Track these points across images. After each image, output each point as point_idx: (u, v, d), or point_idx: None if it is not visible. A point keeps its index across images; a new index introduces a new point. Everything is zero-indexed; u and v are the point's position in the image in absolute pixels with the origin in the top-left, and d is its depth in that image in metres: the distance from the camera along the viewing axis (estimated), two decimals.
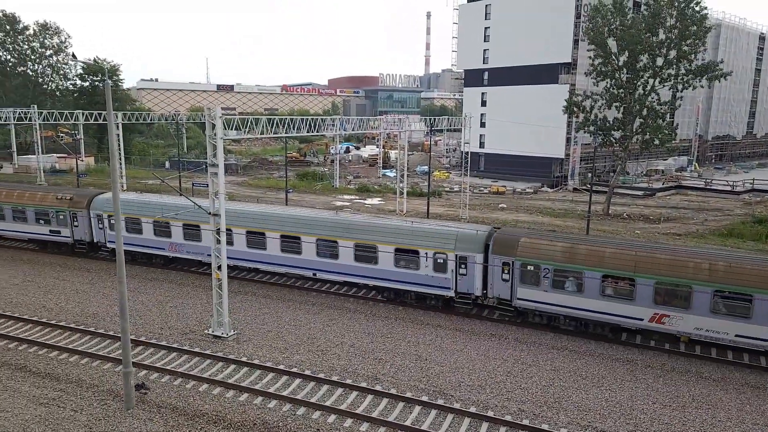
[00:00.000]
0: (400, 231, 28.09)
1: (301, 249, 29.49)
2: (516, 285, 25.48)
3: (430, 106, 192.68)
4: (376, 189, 66.28)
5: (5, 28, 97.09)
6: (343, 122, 45.90)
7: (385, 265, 27.94)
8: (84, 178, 61.60)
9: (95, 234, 35.50)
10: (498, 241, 26.21)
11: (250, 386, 19.66)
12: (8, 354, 22.02)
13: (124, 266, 18.02)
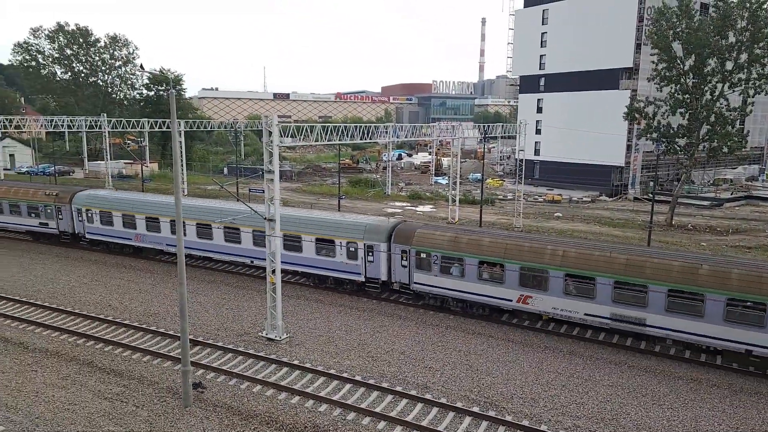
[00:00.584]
0: (320, 223, 30.75)
1: (241, 239, 32.66)
2: (412, 270, 28.33)
3: (484, 113, 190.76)
4: (427, 196, 66.12)
5: (79, 41, 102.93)
6: (396, 129, 46.12)
7: (308, 253, 30.74)
8: (148, 183, 64.38)
9: (76, 226, 39.27)
10: (398, 231, 29.01)
11: (301, 389, 19.93)
12: (77, 350, 23.18)
13: (184, 269, 18.67)
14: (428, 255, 27.70)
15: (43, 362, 21.97)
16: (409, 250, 28.23)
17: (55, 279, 32.56)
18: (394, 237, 28.91)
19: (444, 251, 27.35)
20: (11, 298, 28.91)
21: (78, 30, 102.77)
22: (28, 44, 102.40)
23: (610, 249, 25.25)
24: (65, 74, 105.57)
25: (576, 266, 24.51)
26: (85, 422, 17.73)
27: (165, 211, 35.47)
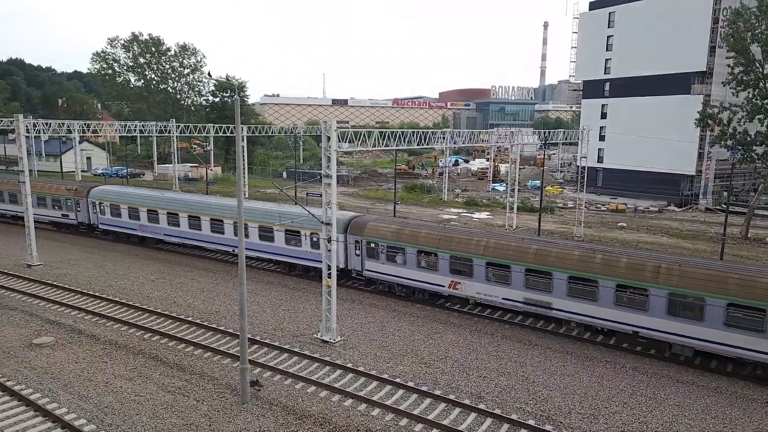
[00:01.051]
0: (289, 216, 33.27)
1: (224, 230, 36.37)
2: (364, 259, 31.21)
3: (544, 118, 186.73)
4: (484, 203, 65.35)
5: (151, 50, 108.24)
6: (453, 135, 45.80)
7: (279, 243, 34.22)
8: (212, 186, 66.75)
9: (91, 217, 43.55)
10: (354, 224, 31.88)
11: (355, 392, 20.07)
12: (143, 343, 24.26)
13: (244, 269, 19.24)
14: (377, 245, 30.63)
15: (113, 354, 23.12)
16: (362, 241, 31.16)
17: (125, 275, 34.24)
18: (350, 229, 31.73)
19: (389, 242, 30.16)
20: (85, 292, 30.61)
21: (151, 39, 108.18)
22: (105, 53, 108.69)
23: (522, 240, 28.00)
24: (138, 81, 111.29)
25: (495, 255, 27.09)
26: (149, 413, 18.52)
27: (162, 204, 39.90)
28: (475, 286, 27.77)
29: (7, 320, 26.43)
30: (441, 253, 28.48)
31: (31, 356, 22.59)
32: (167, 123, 69.02)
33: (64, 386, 20.19)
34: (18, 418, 18.00)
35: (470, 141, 45.48)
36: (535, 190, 73.78)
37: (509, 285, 26.73)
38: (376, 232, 30.85)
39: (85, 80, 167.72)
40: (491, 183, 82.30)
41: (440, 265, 28.53)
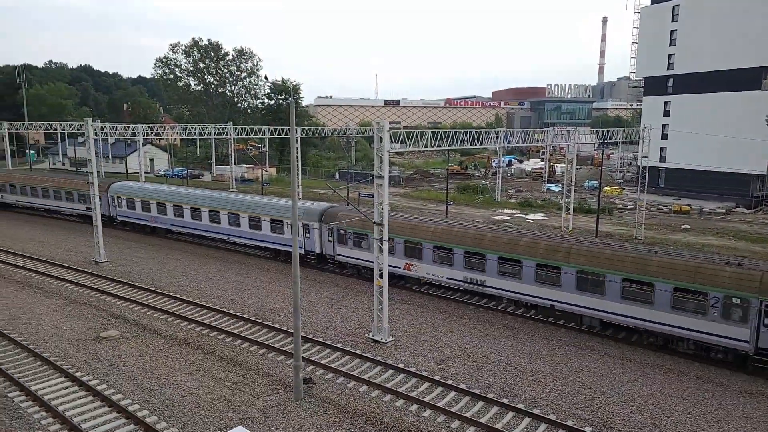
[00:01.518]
0: (274, 207, 38.19)
1: (220, 220, 40.68)
2: (336, 245, 34.87)
3: (602, 117, 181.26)
4: (539, 204, 64.00)
5: (210, 55, 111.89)
6: (506, 135, 45.09)
7: (266, 231, 38.05)
8: (267, 186, 68.30)
9: (110, 210, 47.98)
10: (327, 213, 35.60)
11: (406, 393, 20.07)
12: (202, 339, 25.10)
13: (298, 269, 19.59)
14: (345, 232, 34.01)
15: (173, 349, 24.03)
16: (334, 228, 34.73)
17: (185, 273, 35.51)
18: (323, 218, 35.46)
19: (355, 229, 33.32)
20: (148, 288, 31.95)
21: (210, 45, 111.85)
22: (167, 59, 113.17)
23: (463, 226, 32.10)
24: (198, 86, 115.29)
25: (441, 240, 30.43)
26: (208, 407, 19.14)
27: (169, 198, 44.46)
28: (424, 267, 31.18)
29: (76, 314, 27.92)
30: (397, 238, 31.45)
31: (98, 349, 23.77)
32: (225, 125, 71.10)
33: (128, 378, 21.14)
34: (85, 408, 18.97)
35: (524, 141, 44.65)
36: (592, 191, 71.70)
37: (452, 266, 30.04)
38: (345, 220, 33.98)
39: (149, 85, 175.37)
40: (546, 183, 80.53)
41: (396, 249, 31.74)
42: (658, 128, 68.86)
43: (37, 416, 18.27)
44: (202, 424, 17.99)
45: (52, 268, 36.08)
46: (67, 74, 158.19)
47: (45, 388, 20.09)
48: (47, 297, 30.51)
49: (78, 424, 17.72)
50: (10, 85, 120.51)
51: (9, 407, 18.78)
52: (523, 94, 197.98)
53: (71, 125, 75.80)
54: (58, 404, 18.92)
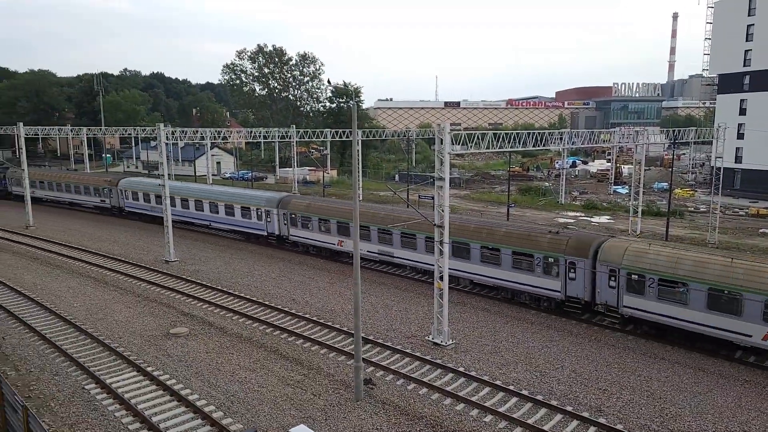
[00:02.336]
0: (244, 196, 44.85)
1: (203, 209, 47.17)
2: (289, 227, 41.38)
3: (672, 116, 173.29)
4: (604, 206, 61.86)
5: (275, 61, 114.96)
6: (571, 136, 43.84)
7: (237, 217, 44.51)
8: (328, 188, 69.34)
9: (120, 202, 55.24)
10: (282, 200, 42.29)
11: (466, 397, 19.85)
12: (265, 337, 25.76)
13: (359, 270, 19.77)
14: (296, 216, 40.55)
15: (238, 346, 24.78)
16: (287, 213, 41.07)
17: (250, 273, 36.58)
18: (280, 204, 41.90)
19: (302, 213, 40.21)
20: (214, 287, 33.11)
21: (274, 50, 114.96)
22: (234, 65, 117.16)
23: (377, 209, 38.50)
24: (263, 90, 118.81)
25: (362, 220, 35.11)
26: (271, 404, 19.62)
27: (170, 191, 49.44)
28: (350, 243, 36.02)
29: (148, 311, 29.29)
30: (332, 219, 38.18)
31: (168, 345, 24.83)
32: (288, 129, 72.82)
33: (195, 374, 21.97)
34: (156, 402, 19.86)
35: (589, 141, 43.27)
36: (661, 193, 68.64)
37: (370, 241, 36.23)
38: (296, 206, 40.94)
39: (216, 91, 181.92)
40: (612, 185, 77.72)
41: (332, 228, 38.19)
42: (734, 127, 65.04)
43: (111, 408, 19.27)
44: (265, 421, 18.45)
45: (125, 267, 38.03)
46: (141, 81, 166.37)
47: (119, 381, 21.17)
48: (121, 294, 32.18)
49: (149, 417, 18.56)
50: (88, 92, 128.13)
51: (86, 399, 19.90)
52: (588, 93, 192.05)
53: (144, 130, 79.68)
54: (131, 397, 19.88)
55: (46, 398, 19.88)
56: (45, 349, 24.22)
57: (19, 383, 20.76)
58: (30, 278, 35.02)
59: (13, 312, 28.45)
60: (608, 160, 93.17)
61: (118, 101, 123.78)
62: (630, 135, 55.66)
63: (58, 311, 28.67)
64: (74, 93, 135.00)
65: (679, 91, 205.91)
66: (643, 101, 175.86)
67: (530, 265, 28.60)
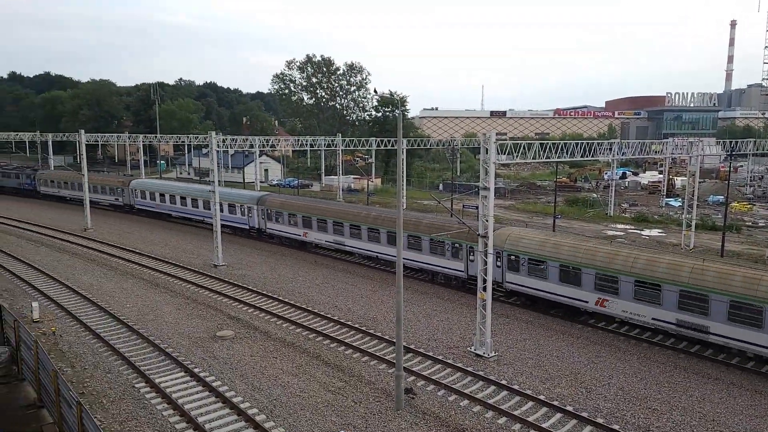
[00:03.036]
0: (230, 195, 51.09)
1: (197, 206, 53.74)
2: (266, 222, 47.64)
3: (730, 127, 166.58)
4: (655, 219, 59.91)
5: (323, 70, 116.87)
6: (621, 146, 42.79)
7: (226, 212, 49.02)
8: (372, 197, 69.73)
9: (131, 200, 62.28)
10: (261, 198, 48.70)
11: (509, 410, 19.54)
12: (308, 343, 26.07)
13: (402, 278, 19.80)
14: (272, 211, 46.84)
15: (282, 351, 25.17)
16: (266, 209, 47.48)
17: (294, 279, 37.13)
18: (259, 201, 48.19)
19: (277, 209, 46.56)
20: (260, 292, 33.77)
21: (323, 60, 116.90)
22: (283, 75, 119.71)
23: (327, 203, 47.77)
24: (310, 99, 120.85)
25: (319, 215, 43.04)
26: (312, 409, 19.82)
27: (168, 190, 58.79)
28: (313, 234, 43.41)
29: (196, 313, 30.12)
30: (298, 214, 44.40)
31: (214, 347, 25.45)
32: (334, 137, 73.77)
33: (240, 376, 22.43)
34: (202, 402, 20.37)
35: (640, 152, 42.18)
36: (717, 207, 65.95)
37: (327, 232, 42.11)
38: (273, 203, 47.36)
39: (265, 100, 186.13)
40: (664, 198, 75.20)
41: (299, 222, 44.38)
42: None
43: (160, 407, 19.87)
44: (307, 426, 18.65)
45: (176, 270, 39.24)
46: (195, 91, 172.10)
47: (167, 381, 21.82)
48: (171, 296, 33.21)
49: (195, 417, 19.05)
50: (145, 101, 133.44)
51: (135, 397, 20.60)
52: (640, 103, 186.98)
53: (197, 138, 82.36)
54: (178, 397, 20.45)
55: (98, 395, 20.69)
56: (99, 347, 25.24)
57: (74, 380, 21.68)
58: (87, 279, 36.59)
59: (70, 311, 29.79)
60: (660, 172, 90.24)
61: (173, 110, 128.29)
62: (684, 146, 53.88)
63: (112, 311, 29.84)
64: (132, 102, 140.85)
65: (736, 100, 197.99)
66: (698, 111, 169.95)
67: (443, 250, 34.53)
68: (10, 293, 33.27)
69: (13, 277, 36.64)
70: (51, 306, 30.91)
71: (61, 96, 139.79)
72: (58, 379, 17.15)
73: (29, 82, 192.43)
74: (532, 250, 29.79)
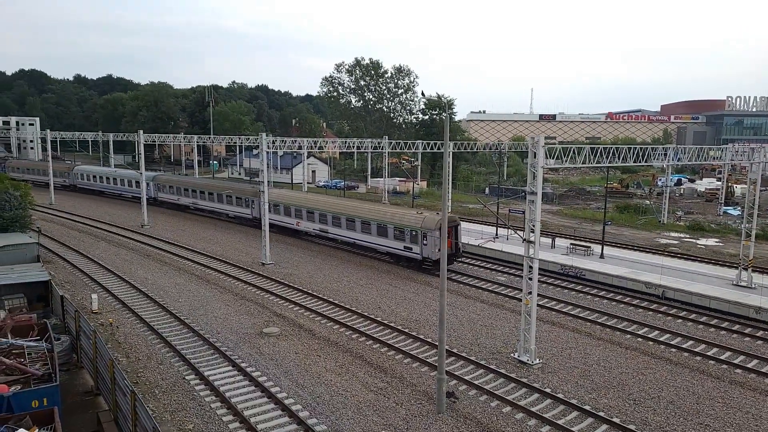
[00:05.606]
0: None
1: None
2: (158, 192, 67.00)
3: None
4: (712, 228, 57.54)
5: (371, 73, 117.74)
6: (677, 151, 41.28)
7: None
8: (417, 200, 69.72)
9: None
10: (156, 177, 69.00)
11: (553, 419, 19.23)
12: (351, 342, 26.38)
13: (445, 281, 19.81)
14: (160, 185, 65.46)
15: (325, 349, 25.55)
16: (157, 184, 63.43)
17: (339, 279, 37.60)
18: (155, 179, 65.17)
19: (160, 183, 65.84)
20: (305, 291, 34.36)
21: (371, 63, 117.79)
22: (332, 78, 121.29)
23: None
24: (358, 102, 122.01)
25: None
26: (354, 408, 20.07)
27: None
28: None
29: (244, 310, 30.93)
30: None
31: (261, 343, 26.08)
32: (381, 140, 74.23)
33: (285, 373, 22.91)
34: (248, 396, 20.93)
35: (697, 158, 40.59)
36: None
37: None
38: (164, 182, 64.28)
39: (314, 102, 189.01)
40: (722, 206, 72.09)
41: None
42: None
43: (208, 399, 20.54)
44: (348, 425, 18.90)
45: (225, 267, 40.38)
46: (247, 93, 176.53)
47: (215, 374, 22.51)
48: (221, 292, 34.21)
49: (241, 410, 19.60)
50: (200, 103, 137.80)
51: (185, 389, 21.35)
52: (698, 107, 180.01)
53: (248, 139, 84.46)
54: (225, 390, 21.08)
55: (151, 385, 21.56)
56: (152, 339, 26.29)
57: (129, 369, 22.66)
58: (142, 273, 38.13)
59: (126, 303, 31.14)
60: (718, 179, 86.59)
61: (226, 112, 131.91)
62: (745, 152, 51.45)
63: (165, 305, 31.01)
64: (188, 104, 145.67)
65: None
66: (761, 116, 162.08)
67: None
68: (72, 285, 35.06)
69: (75, 270, 38.59)
70: (109, 298, 32.40)
71: (122, 98, 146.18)
72: (114, 368, 17.99)
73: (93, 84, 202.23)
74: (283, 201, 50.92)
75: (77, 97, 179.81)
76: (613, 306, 32.45)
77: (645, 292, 34.15)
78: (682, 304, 32.24)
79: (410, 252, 39.24)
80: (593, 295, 34.43)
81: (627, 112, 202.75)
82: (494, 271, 40.22)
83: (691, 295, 32.41)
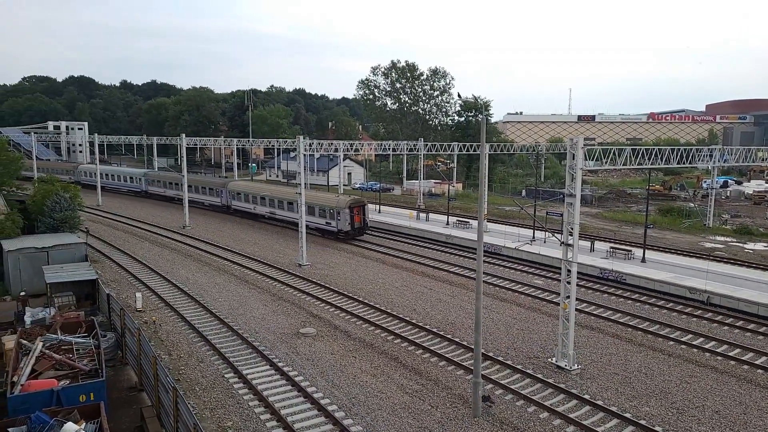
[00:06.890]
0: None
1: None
2: (149, 186, 79.59)
3: None
4: (761, 232, 55.42)
5: (407, 76, 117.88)
6: (723, 153, 39.99)
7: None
8: (453, 202, 69.39)
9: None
10: (147, 174, 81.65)
11: (592, 427, 18.86)
12: (386, 344, 26.46)
13: (481, 283, 19.68)
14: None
15: (361, 351, 25.71)
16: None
17: (374, 281, 37.77)
18: (146, 175, 78.76)
19: (154, 178, 76.65)
20: (341, 292, 34.64)
21: (407, 66, 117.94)
22: (368, 81, 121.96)
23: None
24: (394, 105, 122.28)
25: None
26: (389, 410, 20.12)
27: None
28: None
29: (281, 310, 31.39)
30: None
31: (297, 343, 26.42)
32: (416, 142, 74.20)
33: (321, 373, 23.15)
34: (285, 396, 21.24)
35: (745, 160, 39.27)
36: None
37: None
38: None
39: (350, 105, 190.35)
40: None
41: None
42: None
43: (246, 398, 20.93)
44: (383, 426, 18.96)
45: (263, 267, 41.05)
46: (284, 97, 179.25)
47: (253, 373, 22.92)
48: (259, 293, 34.80)
49: (278, 409, 19.90)
50: (240, 107, 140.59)
51: (224, 387, 21.81)
52: (746, 106, 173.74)
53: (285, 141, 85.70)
54: (263, 389, 21.44)
55: (192, 382, 22.11)
56: (193, 337, 26.95)
57: (171, 366, 23.29)
58: (184, 273, 39.12)
59: (169, 302, 32.02)
60: (767, 181, 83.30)
61: (265, 115, 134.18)
62: None
63: (206, 304, 31.75)
64: (228, 108, 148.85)
65: None
66: None
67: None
68: (117, 283, 36.26)
69: (120, 269, 39.89)
70: (152, 297, 33.38)
71: (165, 102, 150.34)
72: (157, 365, 18.54)
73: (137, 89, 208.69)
74: None
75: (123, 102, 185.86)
76: (655, 311, 31.61)
77: (689, 298, 33.12)
78: (729, 311, 31.15)
79: (329, 226, 50.96)
80: (634, 300, 33.61)
81: (670, 112, 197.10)
82: (531, 275, 39.72)
83: (738, 302, 31.25)
